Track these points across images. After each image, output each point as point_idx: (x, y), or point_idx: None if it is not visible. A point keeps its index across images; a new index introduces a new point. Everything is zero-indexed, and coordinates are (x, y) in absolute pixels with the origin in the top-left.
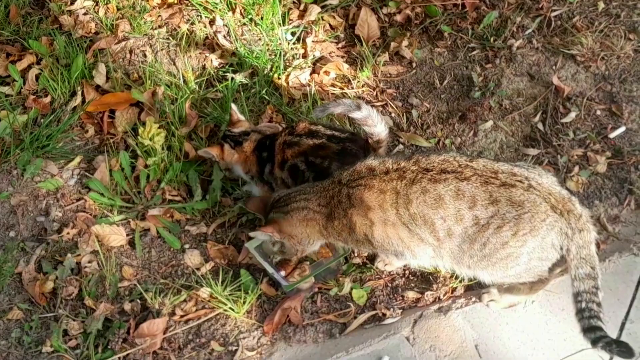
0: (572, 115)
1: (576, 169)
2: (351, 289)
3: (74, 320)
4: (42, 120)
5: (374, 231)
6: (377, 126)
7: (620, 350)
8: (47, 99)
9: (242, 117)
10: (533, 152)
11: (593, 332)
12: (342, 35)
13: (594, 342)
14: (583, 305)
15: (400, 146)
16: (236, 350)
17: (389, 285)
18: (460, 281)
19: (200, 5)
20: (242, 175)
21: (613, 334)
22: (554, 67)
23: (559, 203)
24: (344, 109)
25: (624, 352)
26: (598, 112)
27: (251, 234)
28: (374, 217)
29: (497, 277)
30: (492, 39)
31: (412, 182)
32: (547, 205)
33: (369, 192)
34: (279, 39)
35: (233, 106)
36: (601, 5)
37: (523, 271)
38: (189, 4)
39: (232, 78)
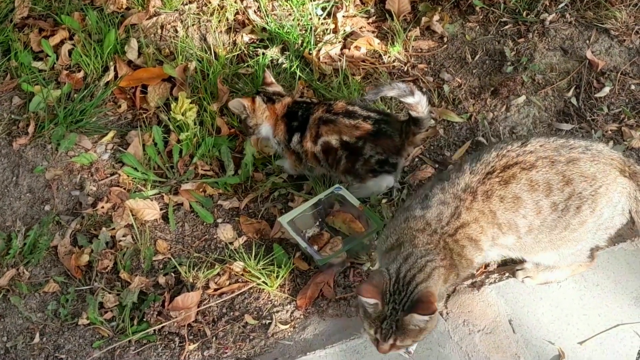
0: (606, 89)
1: (610, 144)
2: None
3: (109, 293)
4: (75, 95)
5: (484, 254)
6: (424, 112)
7: None
8: (80, 74)
9: (274, 81)
10: (566, 127)
11: None
12: (372, 10)
13: None
14: None
15: (432, 122)
16: (270, 323)
17: None
18: None
19: None
20: (270, 138)
21: None
22: (587, 41)
23: (624, 166)
24: (398, 93)
25: None
26: (632, 87)
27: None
28: (484, 245)
29: (564, 255)
30: (524, 13)
31: (488, 197)
32: (616, 172)
33: (470, 228)
34: (310, 14)
35: (267, 70)
36: None
37: (587, 246)
38: None
39: (263, 53)
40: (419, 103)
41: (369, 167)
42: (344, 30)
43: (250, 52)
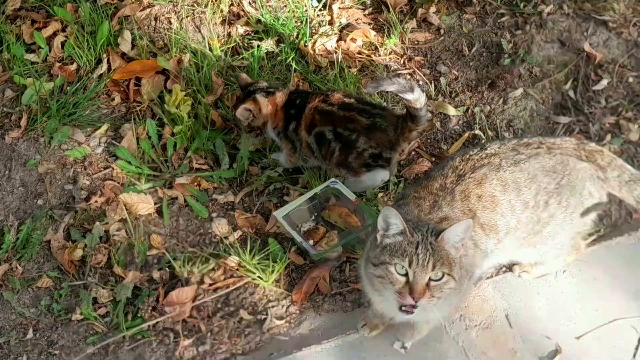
0: (604, 82)
1: (608, 137)
2: None
3: (103, 288)
4: (68, 88)
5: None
6: (422, 110)
7: None
8: (73, 67)
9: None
10: (564, 120)
11: None
12: (368, 2)
13: None
14: None
15: (429, 114)
16: (265, 318)
17: None
18: None
19: None
20: (271, 132)
21: None
22: (585, 34)
23: (579, 150)
24: (398, 88)
25: None
26: (630, 79)
27: None
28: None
29: (543, 250)
30: (521, 5)
31: (466, 196)
32: (573, 159)
33: (453, 222)
34: (305, 6)
35: (240, 74)
36: None
37: (566, 237)
38: None
39: (258, 45)
40: (418, 100)
41: (362, 161)
42: (340, 22)
43: (245, 44)
